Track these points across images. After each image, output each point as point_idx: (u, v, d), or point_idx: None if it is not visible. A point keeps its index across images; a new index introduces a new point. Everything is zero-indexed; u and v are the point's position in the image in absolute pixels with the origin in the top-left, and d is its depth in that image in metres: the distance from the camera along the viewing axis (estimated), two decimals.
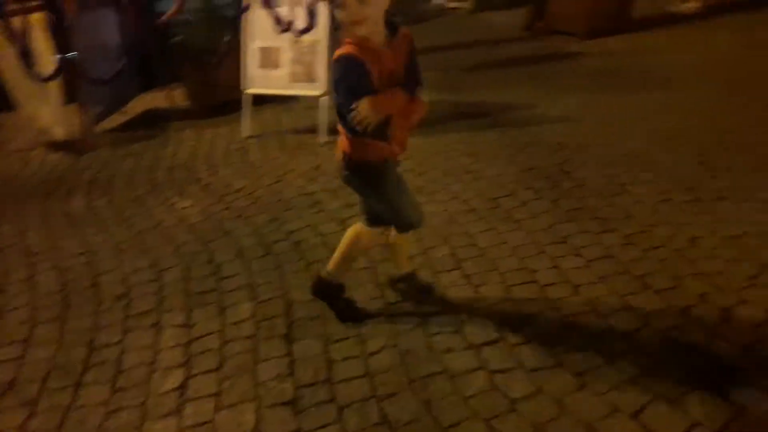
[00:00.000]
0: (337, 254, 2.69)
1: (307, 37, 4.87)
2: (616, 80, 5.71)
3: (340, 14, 2.09)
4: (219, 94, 5.82)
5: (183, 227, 3.74)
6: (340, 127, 2.25)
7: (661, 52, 6.57)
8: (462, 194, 3.72)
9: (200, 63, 5.62)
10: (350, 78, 2.11)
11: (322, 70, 4.90)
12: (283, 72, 5.05)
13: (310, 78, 4.98)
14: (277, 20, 4.78)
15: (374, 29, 2.11)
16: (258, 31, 5.08)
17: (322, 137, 4.88)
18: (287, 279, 3.08)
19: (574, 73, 6.05)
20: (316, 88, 4.93)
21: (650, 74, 5.79)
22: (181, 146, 5.16)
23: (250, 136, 5.14)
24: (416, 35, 2.29)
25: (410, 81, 2.24)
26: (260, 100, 5.46)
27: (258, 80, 5.11)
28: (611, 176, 3.80)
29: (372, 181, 2.41)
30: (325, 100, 4.84)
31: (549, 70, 6.24)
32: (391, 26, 2.17)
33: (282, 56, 5.04)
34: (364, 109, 2.08)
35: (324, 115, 4.86)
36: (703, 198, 3.45)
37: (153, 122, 5.83)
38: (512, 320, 2.61)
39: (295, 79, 5.03)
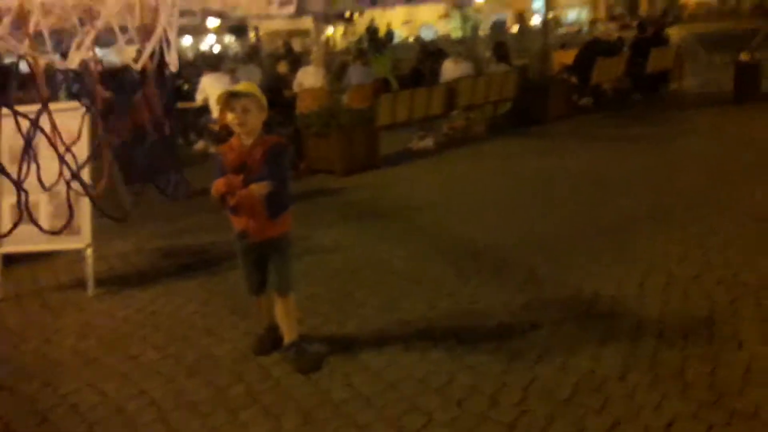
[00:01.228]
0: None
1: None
2: (374, 209, 6.36)
3: (229, 116, 3.08)
4: None
5: None
6: None
7: (407, 182, 7.50)
8: (252, 328, 3.77)
9: None
10: (216, 163, 3.19)
11: (85, 222, 4.72)
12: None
13: (72, 231, 4.75)
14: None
15: (249, 131, 3.10)
16: (9, 185, 4.76)
17: (91, 290, 4.62)
18: None
19: (338, 206, 6.60)
20: (80, 240, 4.72)
21: (401, 201, 6.57)
22: None
23: (4, 299, 4.66)
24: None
25: (260, 175, 3.04)
26: (15, 258, 5.03)
27: (12, 237, 4.73)
28: (384, 294, 4.18)
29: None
30: (90, 252, 4.64)
31: (316, 205, 6.72)
32: (268, 132, 3.22)
33: (40, 210, 4.76)
34: (213, 185, 3.08)
35: (90, 267, 4.63)
36: (461, 301, 3.96)
37: None
38: None
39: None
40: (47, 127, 4.23)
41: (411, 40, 28.53)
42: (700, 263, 4.26)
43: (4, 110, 5.04)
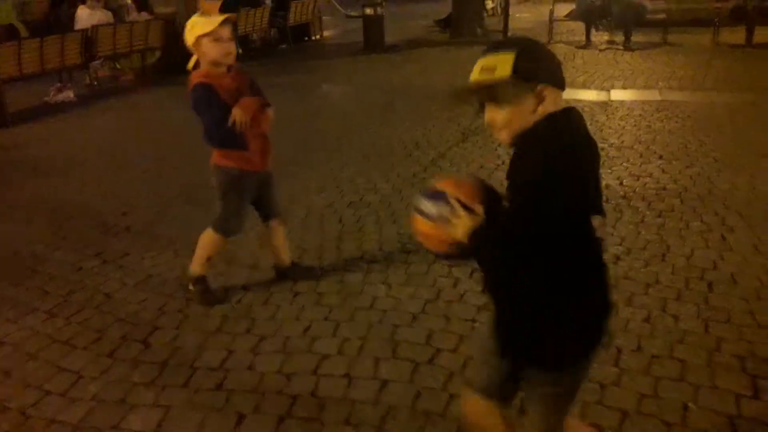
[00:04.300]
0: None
1: None
2: (9, 175, 5.66)
3: (216, 47, 2.90)
4: None
5: None
6: None
7: (43, 141, 6.81)
8: None
9: None
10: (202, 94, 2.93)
11: None
12: None
13: None
14: None
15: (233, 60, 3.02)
16: None
17: None
18: None
19: None
20: None
21: (36, 163, 5.95)
22: None
23: None
24: None
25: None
26: None
27: None
28: (19, 263, 3.84)
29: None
30: None
31: None
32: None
33: None
34: (240, 106, 2.91)
35: None
36: (108, 259, 3.86)
37: None
38: None
39: None
40: None
41: None
42: (334, 193, 4.83)
43: None
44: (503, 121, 1.54)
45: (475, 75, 1.55)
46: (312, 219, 4.36)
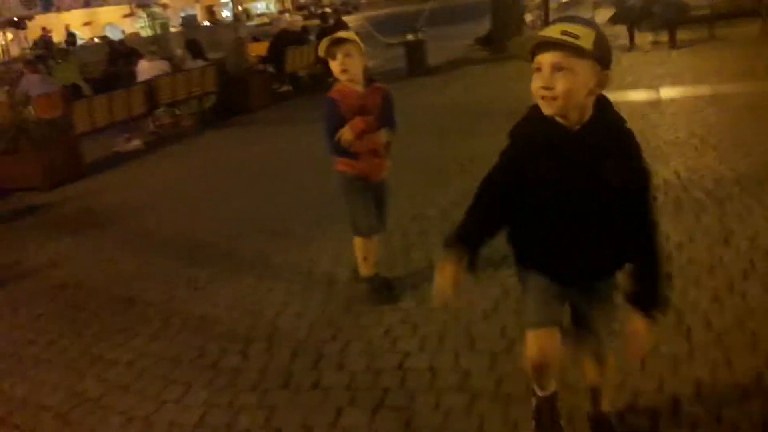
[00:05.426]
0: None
1: None
2: (88, 219, 6.11)
3: (331, 63, 3.22)
4: None
5: None
6: None
7: (120, 186, 7.31)
8: None
9: None
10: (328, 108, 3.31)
11: None
12: None
13: None
14: None
15: (353, 77, 3.26)
16: None
17: None
18: None
19: (46, 222, 6.20)
20: None
21: (116, 207, 6.41)
22: None
23: None
24: None
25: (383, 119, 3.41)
26: None
27: None
28: (117, 295, 4.20)
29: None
30: None
31: (22, 225, 6.22)
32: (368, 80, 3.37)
33: None
34: (349, 125, 3.26)
35: None
36: (197, 287, 4.18)
37: None
38: None
39: None
40: None
41: (97, 40, 26.64)
42: (395, 209, 5.04)
43: None
44: (565, 89, 1.63)
45: (556, 33, 1.63)
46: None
